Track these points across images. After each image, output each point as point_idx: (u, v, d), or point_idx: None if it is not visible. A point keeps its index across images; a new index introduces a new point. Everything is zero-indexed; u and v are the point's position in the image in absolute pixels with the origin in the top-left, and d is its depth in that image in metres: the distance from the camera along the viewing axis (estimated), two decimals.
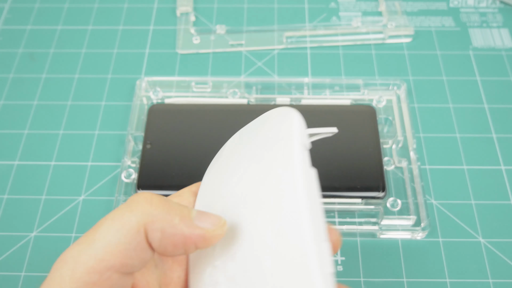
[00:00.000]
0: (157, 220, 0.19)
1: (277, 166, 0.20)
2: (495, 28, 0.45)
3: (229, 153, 0.25)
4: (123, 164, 0.36)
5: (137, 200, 0.19)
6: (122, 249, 0.18)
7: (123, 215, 0.19)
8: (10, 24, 0.46)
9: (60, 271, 0.19)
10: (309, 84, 0.40)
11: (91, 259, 0.18)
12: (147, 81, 0.40)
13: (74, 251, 0.19)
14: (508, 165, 0.37)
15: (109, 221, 0.19)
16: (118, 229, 0.19)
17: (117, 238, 0.18)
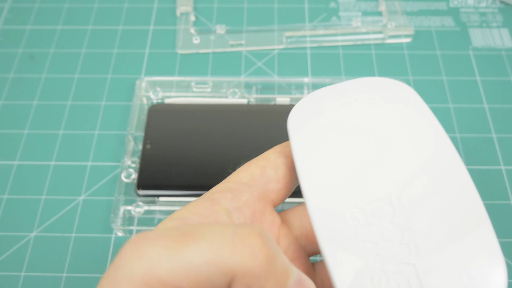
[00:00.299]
0: (250, 277, 0.17)
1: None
2: (495, 28, 0.45)
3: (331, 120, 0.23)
4: (123, 164, 0.36)
5: (246, 242, 0.17)
6: (201, 282, 0.17)
7: (221, 249, 0.17)
8: (10, 24, 0.46)
9: (133, 264, 0.17)
10: (309, 84, 0.40)
11: (167, 273, 0.16)
12: (147, 81, 0.40)
13: (155, 251, 0.17)
14: (508, 165, 0.37)
15: (203, 244, 0.17)
16: (208, 262, 0.16)
17: (202, 270, 0.16)
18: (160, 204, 0.34)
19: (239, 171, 0.22)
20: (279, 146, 0.23)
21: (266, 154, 0.23)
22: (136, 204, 0.34)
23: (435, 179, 0.21)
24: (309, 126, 0.22)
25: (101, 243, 0.34)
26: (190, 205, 0.20)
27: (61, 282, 0.32)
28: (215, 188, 0.22)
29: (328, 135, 0.22)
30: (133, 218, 0.34)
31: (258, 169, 0.22)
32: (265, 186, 0.22)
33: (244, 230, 0.17)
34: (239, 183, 0.21)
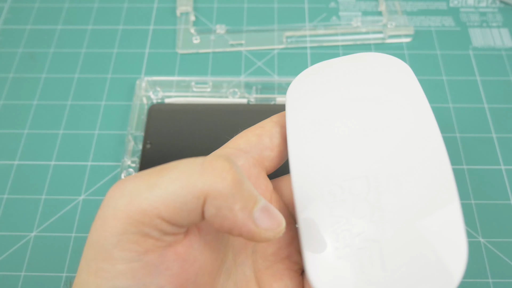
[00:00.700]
0: (219, 198, 0.18)
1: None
2: (495, 28, 0.45)
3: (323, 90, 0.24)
4: (123, 164, 0.36)
5: (213, 167, 0.18)
6: (177, 207, 0.18)
7: (192, 175, 0.18)
8: (10, 24, 0.46)
9: (116, 200, 0.18)
10: None
11: (146, 202, 0.18)
12: (147, 81, 0.40)
13: (134, 186, 0.19)
14: (508, 165, 0.37)
15: (176, 172, 0.18)
16: (181, 186, 0.18)
17: (177, 195, 0.18)
18: None
19: (236, 138, 0.23)
20: (276, 116, 0.24)
21: (263, 122, 0.24)
22: None
23: (412, 157, 0.21)
24: (304, 100, 0.24)
25: None
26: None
27: (61, 282, 0.32)
28: (212, 153, 0.22)
29: (319, 110, 0.23)
30: None
31: (254, 136, 0.23)
32: (260, 153, 0.23)
33: (212, 157, 0.19)
34: (236, 149, 0.23)
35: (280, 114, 0.24)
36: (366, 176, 0.21)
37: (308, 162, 0.22)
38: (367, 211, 0.20)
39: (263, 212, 0.19)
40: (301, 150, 0.22)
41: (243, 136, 0.23)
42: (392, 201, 0.20)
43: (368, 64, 0.25)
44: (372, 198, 0.21)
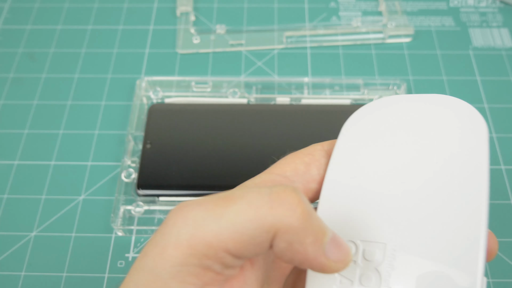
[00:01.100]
0: (290, 232, 0.17)
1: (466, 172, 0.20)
2: (495, 28, 0.45)
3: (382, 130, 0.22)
4: (123, 164, 0.36)
5: (282, 199, 0.18)
6: (245, 240, 0.17)
7: (261, 208, 0.17)
8: (10, 24, 0.46)
9: (179, 229, 0.17)
10: (309, 84, 0.40)
11: (212, 234, 0.17)
12: (147, 81, 0.40)
13: (199, 215, 0.17)
14: (508, 165, 0.37)
15: (243, 204, 0.17)
16: (250, 219, 0.17)
17: (245, 228, 0.17)
18: (160, 203, 0.34)
19: (284, 163, 0.22)
20: (328, 143, 0.23)
21: (313, 149, 0.22)
22: (136, 204, 0.34)
23: (443, 235, 0.19)
24: (356, 139, 0.22)
25: (101, 243, 0.34)
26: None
27: (61, 282, 0.32)
28: (258, 177, 0.21)
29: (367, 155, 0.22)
30: (133, 218, 0.34)
31: (302, 165, 0.22)
32: (306, 184, 0.22)
33: (279, 188, 0.18)
34: (283, 177, 0.21)
35: (331, 142, 0.23)
36: (385, 244, 0.20)
37: (336, 207, 0.21)
38: (373, 283, 0.19)
39: (332, 243, 0.18)
40: (334, 193, 0.21)
41: (291, 162, 0.22)
42: (402, 280, 0.19)
43: (437, 110, 0.22)
44: (383, 270, 0.19)
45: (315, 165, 0.22)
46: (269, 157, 0.35)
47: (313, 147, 0.22)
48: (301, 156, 0.22)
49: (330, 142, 0.23)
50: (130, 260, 0.33)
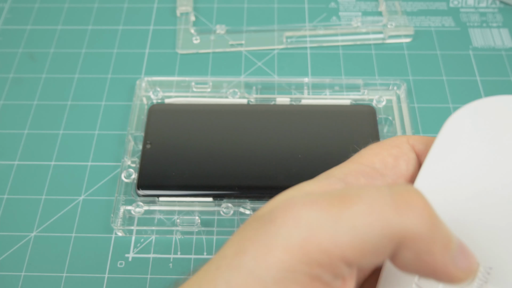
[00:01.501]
0: (419, 241, 0.15)
1: None
2: (495, 28, 0.45)
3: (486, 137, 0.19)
4: (123, 164, 0.36)
5: (409, 202, 0.15)
6: (365, 248, 0.15)
7: (384, 211, 0.15)
8: (10, 24, 0.46)
9: (291, 230, 0.15)
10: (309, 84, 0.40)
11: (329, 241, 0.15)
12: (147, 81, 0.40)
13: (313, 216, 0.15)
14: None
15: (365, 205, 0.15)
16: (372, 224, 0.15)
17: (367, 234, 0.15)
18: (160, 204, 0.34)
19: (369, 153, 0.20)
20: (413, 138, 0.21)
21: (399, 141, 0.20)
22: (136, 204, 0.34)
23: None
24: (459, 141, 0.19)
25: (101, 243, 0.34)
26: (317, 182, 0.18)
27: (61, 282, 0.32)
28: (345, 167, 0.19)
29: (471, 159, 0.19)
30: (133, 218, 0.34)
31: (390, 157, 0.20)
32: (395, 179, 0.19)
33: (402, 189, 0.16)
34: (372, 168, 0.19)
35: (418, 137, 0.21)
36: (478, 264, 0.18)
37: None
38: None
39: (460, 251, 0.16)
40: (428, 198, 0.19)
41: (378, 153, 0.20)
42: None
43: None
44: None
45: (404, 159, 0.20)
46: (269, 157, 0.35)
47: (398, 139, 0.20)
48: (387, 147, 0.20)
49: (417, 138, 0.21)
50: (130, 260, 0.33)
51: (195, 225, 0.33)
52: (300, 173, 0.34)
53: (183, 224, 0.33)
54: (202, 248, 0.33)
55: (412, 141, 0.20)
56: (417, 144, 0.20)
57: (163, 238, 0.34)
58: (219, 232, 0.34)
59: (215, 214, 0.34)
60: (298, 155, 0.35)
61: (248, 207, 0.34)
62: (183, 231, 0.34)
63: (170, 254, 0.33)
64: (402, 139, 0.20)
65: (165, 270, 0.32)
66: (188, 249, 0.33)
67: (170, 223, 0.34)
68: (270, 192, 0.34)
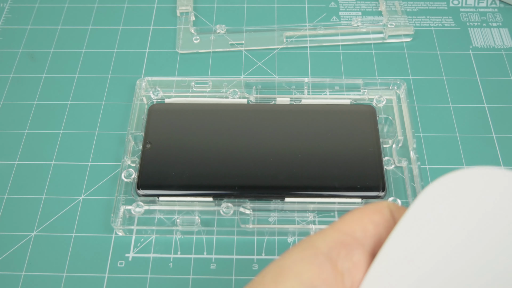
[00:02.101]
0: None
1: None
2: (495, 28, 0.45)
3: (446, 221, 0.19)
4: (123, 164, 0.36)
5: None
6: None
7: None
8: (10, 23, 0.46)
9: None
10: (309, 84, 0.40)
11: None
12: (147, 81, 0.40)
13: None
14: (508, 165, 0.37)
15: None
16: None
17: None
18: (160, 204, 0.34)
19: (351, 220, 0.20)
20: (395, 206, 0.21)
21: (380, 206, 0.21)
22: (136, 204, 0.34)
23: None
24: (430, 217, 0.19)
25: (101, 243, 0.34)
26: (309, 265, 0.19)
27: (61, 282, 0.32)
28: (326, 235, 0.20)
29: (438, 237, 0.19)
30: (133, 218, 0.34)
31: (371, 224, 0.20)
32: (374, 248, 0.20)
33: None
34: (352, 238, 0.20)
35: (399, 208, 0.21)
36: None
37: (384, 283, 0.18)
38: None
39: None
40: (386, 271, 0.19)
41: (359, 220, 0.20)
42: None
43: None
44: None
45: (384, 226, 0.20)
46: (269, 157, 0.35)
47: (380, 204, 0.21)
48: (369, 213, 0.20)
49: (397, 206, 0.21)
50: (130, 260, 0.33)
51: (195, 225, 0.33)
52: (300, 173, 0.34)
53: (183, 224, 0.33)
54: (202, 248, 0.33)
55: (393, 208, 0.21)
56: (396, 213, 0.21)
57: (163, 238, 0.34)
58: (219, 232, 0.34)
59: (215, 214, 0.34)
60: (298, 155, 0.35)
61: (248, 207, 0.34)
62: (183, 231, 0.34)
63: (170, 254, 0.33)
64: (383, 204, 0.21)
65: (165, 270, 0.32)
66: (188, 249, 0.33)
67: (170, 223, 0.34)
68: (270, 192, 0.34)
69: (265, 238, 0.34)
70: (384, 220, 0.20)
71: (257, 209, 0.34)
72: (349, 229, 0.20)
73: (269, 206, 0.34)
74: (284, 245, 0.33)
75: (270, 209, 0.34)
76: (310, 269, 0.18)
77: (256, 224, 0.34)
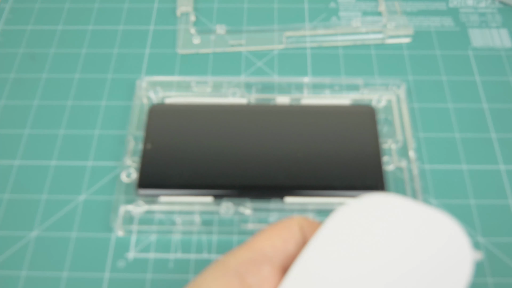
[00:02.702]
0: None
1: None
2: (494, 28, 0.45)
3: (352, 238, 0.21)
4: (123, 164, 0.36)
5: None
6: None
7: None
8: (11, 24, 0.46)
9: None
10: (309, 84, 0.40)
11: None
12: (147, 81, 0.40)
13: None
14: (508, 165, 0.37)
15: None
16: None
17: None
18: (160, 203, 0.34)
19: (261, 238, 0.22)
20: (304, 221, 0.23)
21: (289, 223, 0.22)
22: (136, 204, 0.34)
23: None
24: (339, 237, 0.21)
25: (101, 243, 0.34)
26: (218, 281, 0.21)
27: (61, 282, 0.32)
28: (237, 253, 0.22)
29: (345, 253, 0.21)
30: (133, 218, 0.34)
31: (280, 240, 0.22)
32: (283, 261, 0.22)
33: None
34: (261, 254, 0.21)
35: (309, 222, 0.23)
36: None
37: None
38: None
39: None
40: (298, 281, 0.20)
41: (269, 237, 0.22)
42: None
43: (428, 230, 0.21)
44: None
45: (292, 241, 0.22)
46: (269, 156, 0.35)
47: (289, 222, 0.22)
48: (278, 230, 0.22)
49: (307, 221, 0.23)
50: (130, 260, 0.33)
51: (195, 225, 0.33)
52: (300, 173, 0.34)
53: (183, 224, 0.33)
54: (202, 248, 0.33)
55: (303, 222, 0.22)
56: (306, 228, 0.22)
57: (163, 238, 0.34)
58: (219, 232, 0.34)
59: (215, 214, 0.34)
60: (298, 155, 0.35)
61: (248, 207, 0.34)
62: (183, 231, 0.34)
63: (170, 254, 0.33)
64: (292, 221, 0.22)
65: (165, 270, 0.32)
66: (188, 249, 0.33)
67: (170, 223, 0.34)
68: (270, 192, 0.34)
69: None
70: (292, 236, 0.22)
71: (257, 209, 0.34)
72: (259, 246, 0.22)
73: (269, 206, 0.34)
74: None
75: (270, 209, 0.34)
76: (220, 284, 0.20)
77: (256, 224, 0.34)
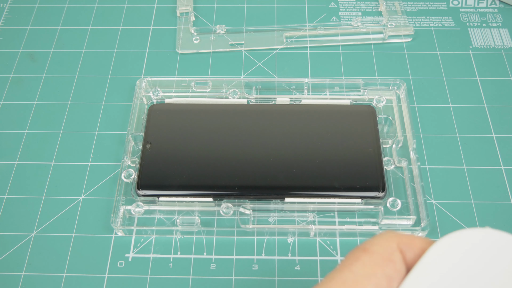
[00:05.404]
0: None
1: None
2: (495, 28, 0.45)
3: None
4: (123, 164, 0.36)
5: None
6: None
7: None
8: (10, 24, 0.46)
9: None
10: (309, 84, 0.40)
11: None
12: (147, 81, 0.40)
13: None
14: (508, 165, 0.37)
15: None
16: None
17: None
18: (160, 204, 0.34)
19: (362, 276, 0.19)
20: (403, 242, 0.20)
21: (390, 251, 0.20)
22: (136, 204, 0.34)
23: None
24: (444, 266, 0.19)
25: (101, 243, 0.34)
26: None
27: (61, 282, 0.32)
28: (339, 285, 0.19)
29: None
30: (133, 218, 0.34)
31: (384, 279, 0.19)
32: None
33: None
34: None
35: (409, 245, 0.20)
36: None
37: None
38: None
39: None
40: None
41: (371, 274, 0.19)
42: None
43: None
44: None
45: (397, 279, 0.19)
46: (269, 157, 0.35)
47: (389, 247, 0.20)
48: (381, 264, 0.19)
49: (409, 246, 0.20)
50: (130, 260, 0.33)
51: (195, 225, 0.33)
52: (300, 173, 0.34)
53: (183, 224, 0.33)
54: (202, 248, 0.33)
55: (402, 246, 0.20)
56: (407, 252, 0.20)
57: (163, 238, 0.34)
58: (219, 232, 0.34)
59: (215, 214, 0.34)
60: (298, 155, 0.35)
61: (248, 207, 0.34)
62: (183, 231, 0.34)
63: (170, 254, 0.33)
64: (393, 246, 0.20)
65: (165, 270, 0.32)
66: (188, 249, 0.33)
67: (170, 223, 0.34)
68: (270, 192, 0.34)
69: (265, 239, 0.34)
70: (396, 271, 0.19)
71: (257, 209, 0.34)
72: (361, 285, 0.19)
73: (269, 206, 0.34)
74: (284, 245, 0.33)
75: (270, 209, 0.34)
76: None
77: (256, 224, 0.34)
